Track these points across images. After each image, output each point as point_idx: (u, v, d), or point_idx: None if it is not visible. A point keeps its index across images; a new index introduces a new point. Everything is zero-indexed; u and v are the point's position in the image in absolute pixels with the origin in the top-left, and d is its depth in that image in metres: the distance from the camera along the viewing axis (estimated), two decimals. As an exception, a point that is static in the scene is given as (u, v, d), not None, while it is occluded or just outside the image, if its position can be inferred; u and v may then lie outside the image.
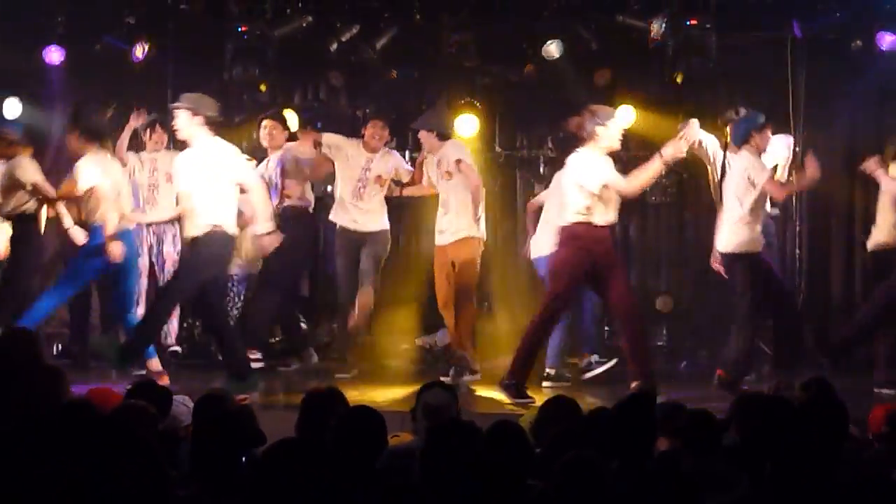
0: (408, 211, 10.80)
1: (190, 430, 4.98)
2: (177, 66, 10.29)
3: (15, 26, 9.69)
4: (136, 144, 9.88)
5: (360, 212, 9.45)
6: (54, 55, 10.16)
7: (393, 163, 9.59)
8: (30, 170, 8.97)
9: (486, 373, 8.92)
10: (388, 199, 9.66)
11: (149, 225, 9.58)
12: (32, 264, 9.39)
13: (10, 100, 10.45)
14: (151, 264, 9.84)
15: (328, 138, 9.52)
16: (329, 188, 10.17)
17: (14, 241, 9.10)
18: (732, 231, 8.14)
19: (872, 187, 9.21)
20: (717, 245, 8.30)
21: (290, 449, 3.79)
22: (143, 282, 9.60)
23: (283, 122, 9.78)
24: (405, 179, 9.62)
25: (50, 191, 9.01)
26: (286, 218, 9.19)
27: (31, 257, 9.30)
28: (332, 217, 9.63)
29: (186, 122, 7.98)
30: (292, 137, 9.78)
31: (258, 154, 9.88)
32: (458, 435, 4.21)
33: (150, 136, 9.82)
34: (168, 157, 9.37)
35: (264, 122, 9.69)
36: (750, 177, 8.08)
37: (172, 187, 8.76)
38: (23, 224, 9.09)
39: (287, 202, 9.48)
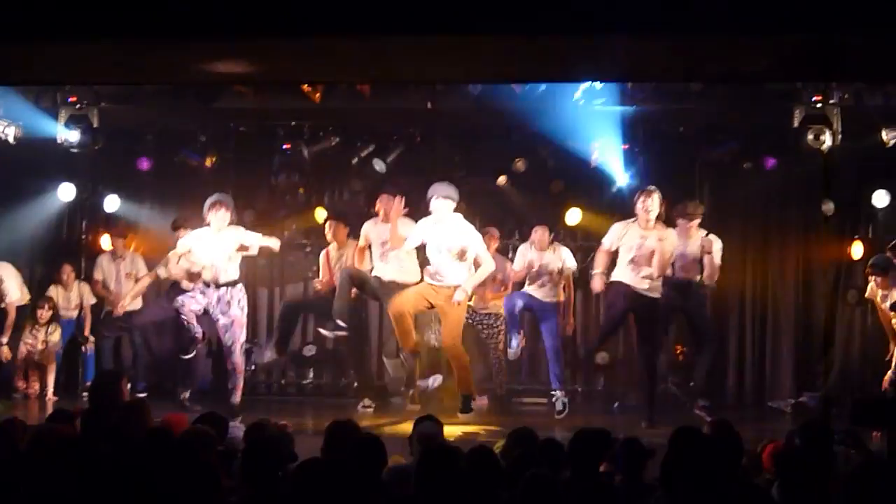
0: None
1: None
2: (236, 173, 10.37)
3: (115, 143, 9.70)
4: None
5: None
6: (144, 163, 10.22)
7: None
8: None
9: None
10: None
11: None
12: None
13: (110, 196, 10.44)
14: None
15: None
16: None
17: None
18: None
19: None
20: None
21: (314, 466, 3.79)
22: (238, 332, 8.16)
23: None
24: None
25: None
26: None
27: None
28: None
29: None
30: None
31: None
32: (445, 456, 4.19)
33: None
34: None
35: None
36: None
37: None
38: None
39: None
